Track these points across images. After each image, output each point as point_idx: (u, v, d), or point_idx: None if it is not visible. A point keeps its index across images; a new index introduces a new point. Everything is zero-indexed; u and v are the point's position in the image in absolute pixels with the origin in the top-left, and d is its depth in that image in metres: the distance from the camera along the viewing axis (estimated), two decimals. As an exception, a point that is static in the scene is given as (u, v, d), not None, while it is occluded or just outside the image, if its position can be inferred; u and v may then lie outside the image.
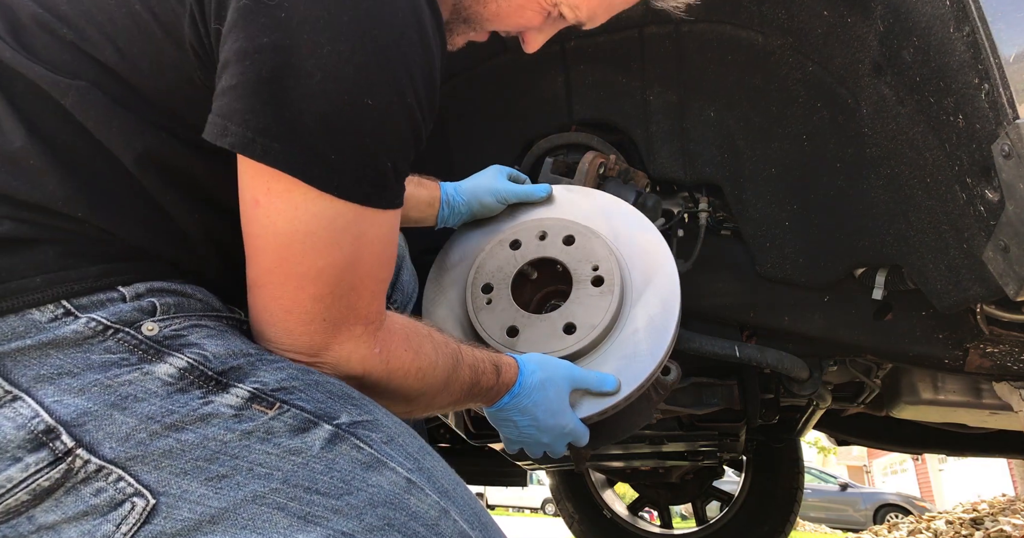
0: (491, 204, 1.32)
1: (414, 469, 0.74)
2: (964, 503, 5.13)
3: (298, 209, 0.71)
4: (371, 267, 0.78)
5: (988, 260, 0.99)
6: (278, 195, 0.71)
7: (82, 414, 0.66)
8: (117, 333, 0.70)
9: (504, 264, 1.24)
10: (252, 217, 0.73)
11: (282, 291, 0.74)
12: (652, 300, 1.18)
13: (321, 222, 0.72)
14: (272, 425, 0.70)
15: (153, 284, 0.74)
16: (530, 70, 1.50)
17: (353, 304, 0.77)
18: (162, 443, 0.67)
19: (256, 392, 0.71)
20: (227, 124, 0.69)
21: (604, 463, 2.66)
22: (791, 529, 3.16)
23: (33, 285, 0.69)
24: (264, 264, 0.74)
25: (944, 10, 0.95)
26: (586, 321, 1.16)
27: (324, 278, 0.74)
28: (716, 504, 3.40)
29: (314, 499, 0.68)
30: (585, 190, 1.34)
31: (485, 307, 1.22)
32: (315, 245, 0.72)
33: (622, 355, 1.16)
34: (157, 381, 0.69)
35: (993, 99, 0.89)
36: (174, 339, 0.72)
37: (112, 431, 0.67)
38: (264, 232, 0.73)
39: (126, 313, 0.71)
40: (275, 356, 0.76)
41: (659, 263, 1.22)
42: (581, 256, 1.22)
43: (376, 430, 0.75)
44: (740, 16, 1.32)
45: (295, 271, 0.73)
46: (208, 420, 0.69)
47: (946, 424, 2.36)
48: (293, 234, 0.72)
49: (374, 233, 0.77)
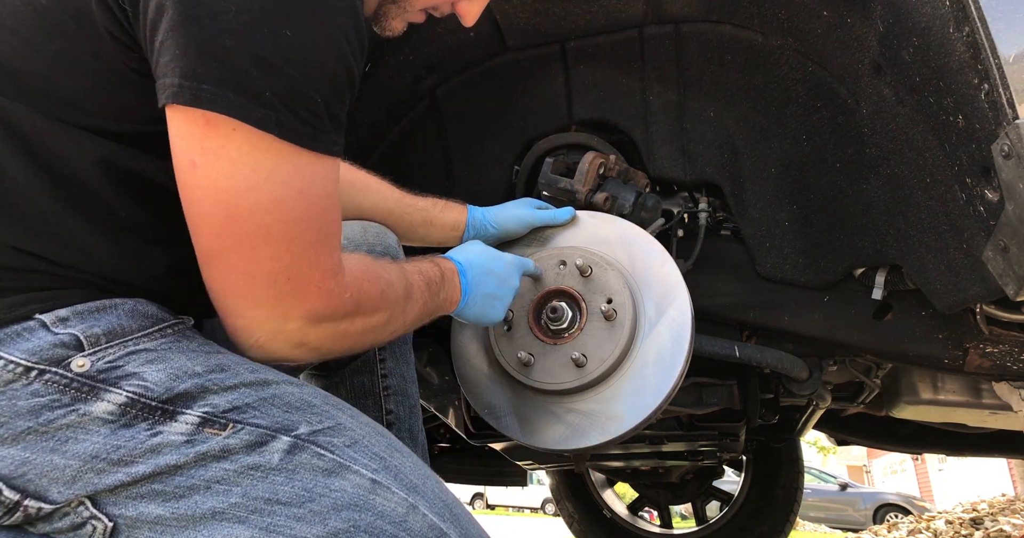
0: (514, 230, 1.35)
1: (379, 469, 0.73)
2: (964, 503, 5.13)
3: (235, 163, 0.69)
4: (321, 222, 0.75)
5: (988, 260, 0.99)
6: (214, 152, 0.68)
7: (20, 465, 0.65)
8: (43, 374, 0.66)
9: (524, 292, 1.28)
10: (191, 183, 0.70)
11: (237, 256, 0.71)
12: (664, 335, 1.22)
13: (261, 174, 0.69)
14: (228, 443, 0.69)
15: (77, 307, 0.70)
16: (530, 70, 1.50)
17: (314, 259, 0.74)
18: (111, 479, 0.66)
19: (206, 416, 0.69)
20: (163, 80, 0.68)
21: (604, 463, 2.66)
22: (791, 529, 3.16)
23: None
24: (212, 229, 0.71)
25: (944, 10, 0.95)
26: (596, 354, 1.20)
27: (275, 235, 0.71)
28: (716, 504, 3.40)
29: (275, 510, 0.67)
30: (606, 217, 1.36)
31: (504, 333, 1.27)
32: (259, 200, 0.69)
33: (631, 388, 1.20)
34: (97, 421, 0.66)
35: (993, 99, 0.89)
36: (109, 372, 0.68)
37: (56, 477, 0.65)
38: (205, 196, 0.70)
39: (48, 351, 0.67)
40: (227, 373, 0.73)
41: (673, 296, 1.24)
42: (596, 288, 1.25)
43: (338, 435, 0.73)
44: (740, 16, 1.32)
45: (244, 230, 0.70)
46: (159, 450, 0.67)
47: (946, 424, 2.36)
48: (236, 191, 0.69)
49: (317, 186, 0.74)
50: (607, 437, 1.19)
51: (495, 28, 1.41)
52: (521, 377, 1.23)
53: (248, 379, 0.73)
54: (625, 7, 1.36)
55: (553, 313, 1.23)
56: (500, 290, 1.13)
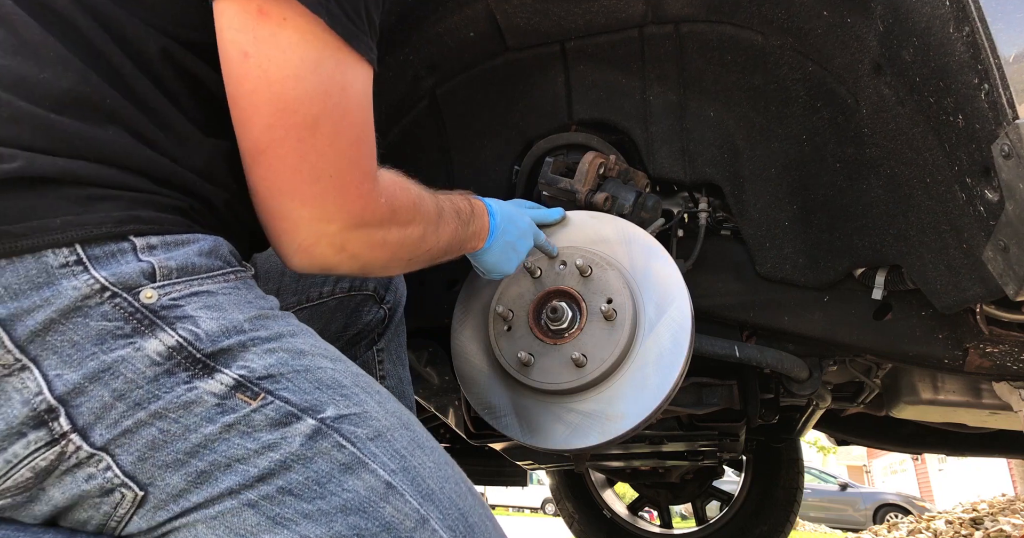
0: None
1: (398, 469, 0.72)
2: (964, 503, 5.13)
3: (286, 52, 0.73)
4: (361, 123, 0.80)
5: (988, 260, 0.99)
6: (266, 41, 0.73)
7: (79, 392, 0.66)
8: (115, 298, 0.68)
9: (524, 292, 1.29)
10: (242, 73, 0.74)
11: (285, 149, 0.75)
12: (664, 335, 1.22)
13: (308, 65, 0.74)
14: (253, 418, 0.69)
15: (166, 238, 0.72)
16: (530, 70, 1.50)
17: (355, 159, 0.79)
18: (147, 433, 0.67)
19: (241, 380, 0.70)
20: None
21: (604, 463, 2.66)
22: (791, 529, 3.16)
23: (52, 226, 0.67)
24: (263, 121, 0.75)
25: (944, 10, 0.95)
26: (596, 355, 1.20)
27: (322, 128, 0.75)
28: (716, 504, 3.40)
29: (286, 500, 0.68)
30: (606, 216, 1.36)
31: (505, 333, 1.27)
32: (307, 90, 0.74)
33: (631, 388, 1.20)
34: (146, 359, 0.68)
35: (993, 99, 0.89)
36: (170, 309, 0.70)
37: (102, 416, 0.66)
38: (257, 86, 0.74)
39: (127, 274, 0.69)
40: (270, 332, 0.74)
41: (673, 296, 1.24)
42: (596, 288, 1.25)
43: (363, 424, 0.73)
44: (740, 16, 1.32)
45: (293, 121, 0.74)
46: (190, 409, 0.68)
47: (946, 424, 2.36)
48: (286, 80, 0.73)
49: (358, 88, 0.79)
50: (607, 437, 1.19)
51: (495, 28, 1.41)
52: (521, 377, 1.23)
53: (287, 345, 0.74)
54: (625, 7, 1.36)
55: (553, 313, 1.23)
56: (520, 242, 1.20)
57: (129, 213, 0.71)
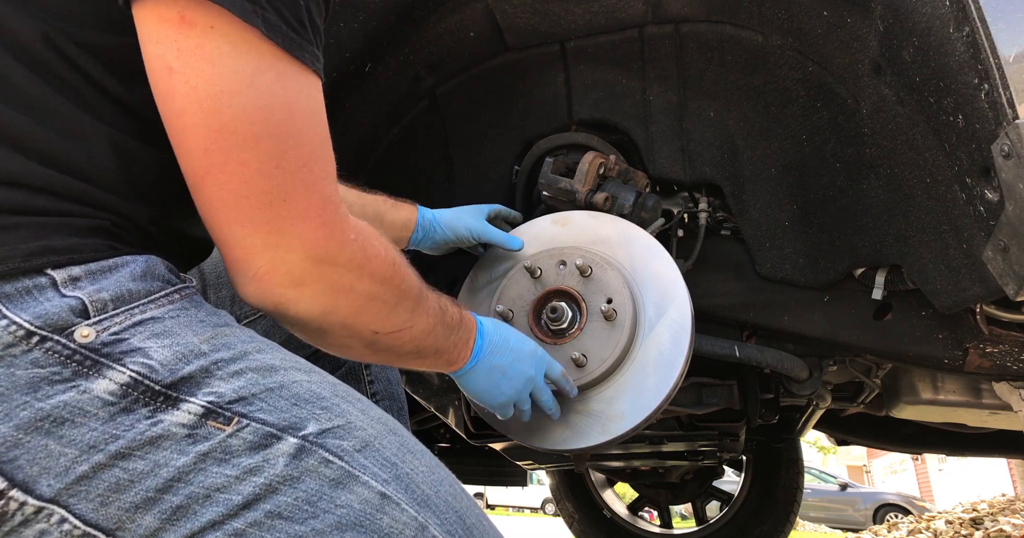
0: (466, 238, 1.33)
1: (390, 478, 0.68)
2: (964, 503, 5.12)
3: (216, 65, 0.64)
4: (312, 141, 0.71)
5: (988, 260, 0.99)
6: (191, 52, 0.64)
7: (12, 446, 0.59)
8: (45, 342, 0.61)
9: (524, 292, 1.28)
10: (169, 89, 0.65)
11: (227, 173, 0.66)
12: (664, 334, 1.22)
13: (244, 78, 0.65)
14: (230, 444, 0.64)
15: (89, 266, 0.65)
16: (530, 70, 1.50)
17: (309, 182, 0.69)
18: (108, 475, 0.61)
19: (211, 407, 0.64)
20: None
21: (604, 463, 2.66)
22: (791, 529, 3.16)
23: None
24: (199, 143, 0.66)
25: (944, 10, 0.95)
26: (597, 354, 1.20)
27: (264, 148, 0.67)
28: (716, 504, 3.40)
29: (276, 525, 0.63)
30: (605, 216, 1.36)
31: None
32: (244, 106, 0.65)
33: (631, 388, 1.20)
34: (96, 401, 0.61)
35: (993, 99, 0.89)
36: (114, 345, 0.63)
37: (48, 466, 0.60)
38: (187, 104, 0.65)
39: (54, 314, 0.62)
40: (233, 351, 0.68)
41: (673, 295, 1.24)
42: (596, 288, 1.25)
43: (348, 436, 0.68)
44: (740, 16, 1.32)
45: (231, 142, 0.66)
46: (158, 443, 0.62)
47: (946, 424, 2.36)
48: (219, 96, 0.65)
49: (304, 101, 0.70)
50: (609, 437, 1.19)
51: (495, 28, 1.41)
52: None
53: (255, 363, 0.69)
54: (625, 7, 1.36)
55: (553, 313, 1.23)
56: (512, 368, 1.04)
57: (40, 243, 0.63)
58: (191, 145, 0.67)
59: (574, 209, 1.40)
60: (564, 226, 1.35)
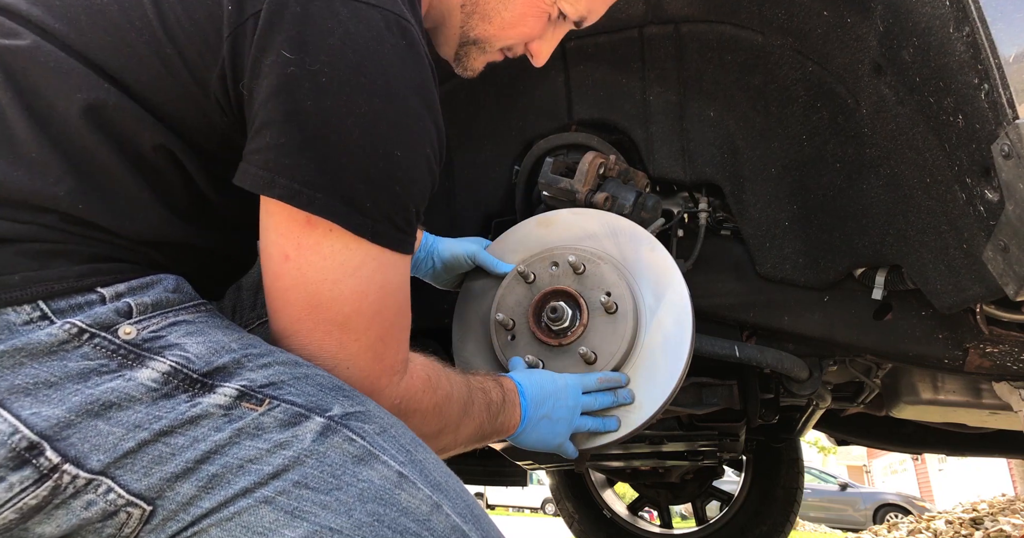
0: (462, 260, 1.36)
1: (406, 462, 0.74)
2: (964, 503, 5.12)
3: (327, 259, 0.75)
4: (396, 315, 0.82)
5: (988, 260, 0.99)
6: (309, 248, 0.75)
7: (65, 426, 0.65)
8: (93, 338, 0.68)
9: (522, 298, 1.28)
10: (281, 272, 0.77)
11: (310, 338, 0.78)
12: (667, 319, 1.22)
13: (348, 269, 0.76)
14: (262, 421, 0.70)
15: (132, 283, 0.73)
16: (530, 70, 1.50)
17: (380, 354, 0.80)
18: (152, 450, 0.67)
19: (244, 390, 0.71)
20: (274, 178, 0.73)
21: (604, 463, 2.66)
22: (791, 529, 3.16)
23: (11, 283, 0.67)
24: (293, 314, 0.77)
25: (944, 10, 0.95)
26: (605, 349, 1.21)
27: (352, 325, 0.77)
28: (716, 504, 3.40)
29: (303, 494, 0.68)
30: (588, 211, 1.35)
31: (509, 343, 1.27)
32: (342, 292, 0.76)
33: (644, 377, 1.20)
34: (141, 387, 0.68)
35: (993, 99, 0.89)
36: (153, 341, 0.71)
37: (98, 443, 0.66)
38: (294, 284, 0.76)
39: (102, 316, 0.69)
40: (260, 349, 0.76)
41: (668, 280, 1.24)
42: (592, 283, 1.25)
43: (369, 421, 0.75)
44: (740, 16, 1.32)
45: (323, 317, 0.77)
46: (198, 422, 0.69)
47: (946, 424, 2.36)
48: (322, 283, 0.75)
49: (396, 281, 0.81)
50: (630, 428, 1.19)
51: (495, 28, 1.41)
52: None
53: (281, 358, 0.75)
54: (625, 7, 1.36)
55: (553, 313, 1.23)
56: (556, 412, 1.12)
57: (89, 266, 0.72)
58: (286, 313, 0.78)
59: None
60: (549, 227, 1.35)
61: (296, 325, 0.78)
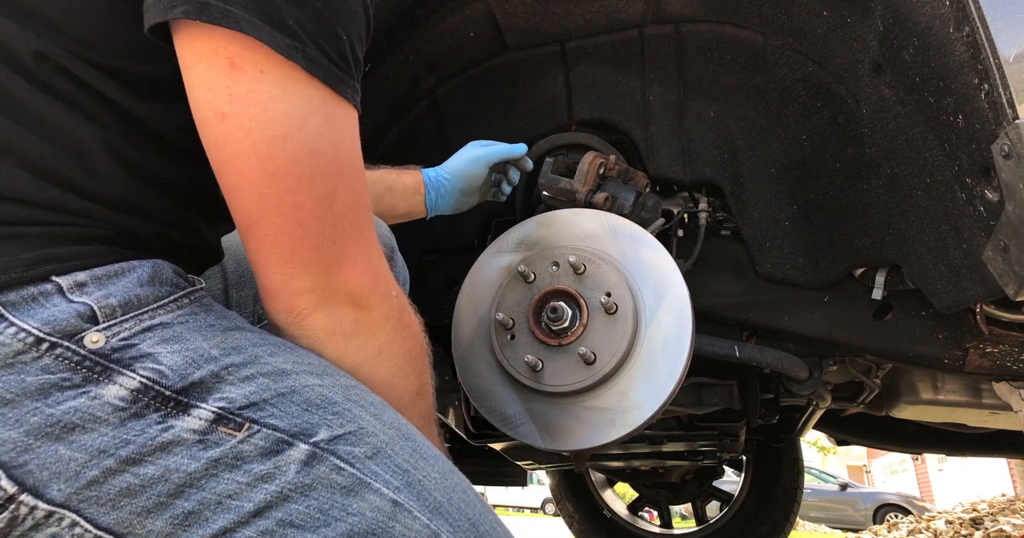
0: (475, 173, 1.33)
1: (402, 486, 0.67)
2: (964, 503, 5.12)
3: (268, 110, 0.65)
4: (357, 182, 0.73)
5: (988, 260, 0.99)
6: (243, 98, 0.65)
7: (22, 451, 0.58)
8: (55, 348, 0.61)
9: (521, 298, 1.28)
10: (222, 135, 0.66)
11: (282, 217, 0.68)
12: (666, 320, 1.22)
13: (295, 121, 0.66)
14: (241, 449, 0.63)
15: (95, 271, 0.65)
16: (530, 70, 1.50)
17: (357, 226, 0.72)
18: (119, 480, 0.60)
19: (221, 412, 0.64)
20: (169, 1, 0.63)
21: (604, 463, 2.66)
22: (791, 529, 3.16)
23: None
24: (253, 189, 0.67)
25: (944, 10, 0.95)
26: (604, 350, 1.20)
27: (317, 189, 0.68)
28: (716, 504, 3.40)
29: (288, 533, 0.62)
30: (587, 211, 1.35)
31: (509, 343, 1.26)
32: (296, 150, 0.66)
33: (643, 377, 1.20)
34: (106, 407, 0.61)
35: (993, 99, 0.89)
36: (124, 351, 0.63)
37: (59, 470, 0.59)
38: (242, 148, 0.66)
39: (63, 320, 0.61)
40: (243, 356, 0.68)
41: (668, 280, 1.24)
42: (592, 284, 1.24)
43: (359, 443, 0.67)
44: (740, 16, 1.32)
45: (286, 185, 0.67)
46: (169, 449, 0.62)
47: (946, 424, 2.36)
48: (272, 140, 0.66)
49: (347, 140, 0.72)
50: (629, 428, 1.19)
51: (495, 28, 1.41)
52: (532, 383, 1.23)
53: (266, 367, 0.68)
54: (625, 7, 1.36)
55: (553, 313, 1.23)
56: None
57: (42, 252, 0.63)
58: (245, 189, 0.68)
59: None
60: (549, 227, 1.35)
61: (262, 203, 0.67)
